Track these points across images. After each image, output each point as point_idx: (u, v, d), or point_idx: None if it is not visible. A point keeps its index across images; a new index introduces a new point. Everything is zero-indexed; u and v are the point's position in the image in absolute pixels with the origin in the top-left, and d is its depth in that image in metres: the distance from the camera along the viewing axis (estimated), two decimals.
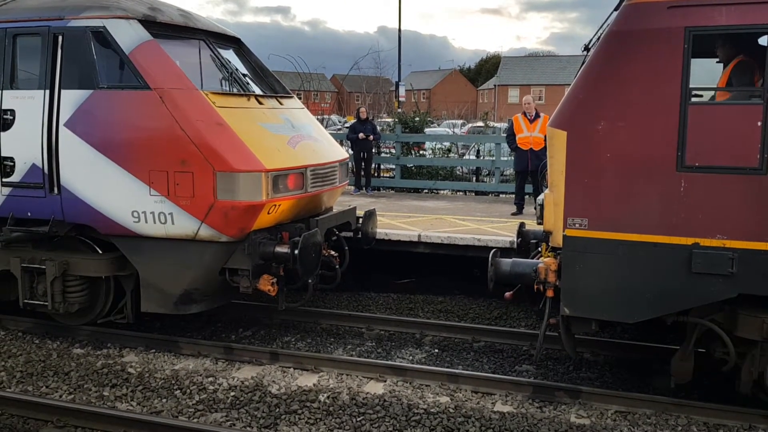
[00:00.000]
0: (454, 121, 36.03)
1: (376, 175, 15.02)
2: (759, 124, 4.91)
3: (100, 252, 7.13)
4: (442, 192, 14.73)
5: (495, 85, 75.29)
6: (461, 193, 14.65)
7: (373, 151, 14.40)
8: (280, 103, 7.75)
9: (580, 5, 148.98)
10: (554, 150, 5.56)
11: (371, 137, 13.75)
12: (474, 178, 15.01)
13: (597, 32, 6.14)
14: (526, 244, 7.17)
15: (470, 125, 31.22)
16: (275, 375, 6.64)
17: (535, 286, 5.83)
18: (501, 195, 13.79)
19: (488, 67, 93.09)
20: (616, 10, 5.80)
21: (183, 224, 6.57)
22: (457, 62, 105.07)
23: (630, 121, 5.25)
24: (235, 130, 6.59)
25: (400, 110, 31.00)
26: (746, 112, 4.98)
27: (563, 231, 5.54)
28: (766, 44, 4.94)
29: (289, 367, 6.83)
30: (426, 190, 14.69)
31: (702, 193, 5.11)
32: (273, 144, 6.89)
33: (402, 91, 33.15)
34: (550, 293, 5.77)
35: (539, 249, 6.66)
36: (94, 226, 6.91)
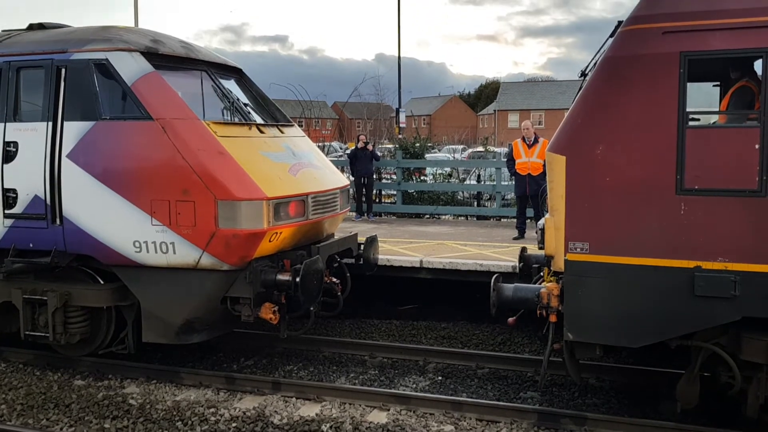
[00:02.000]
0: (454, 146, 36.14)
1: (377, 200, 15.04)
2: (757, 146, 4.93)
3: (102, 282, 7.13)
4: (443, 217, 14.74)
5: (495, 110, 75.75)
6: (463, 218, 14.65)
7: (374, 177, 14.44)
8: (281, 132, 7.80)
9: (576, 30, 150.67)
10: (554, 174, 5.57)
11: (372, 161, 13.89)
12: (475, 203, 15.01)
13: (594, 58, 6.20)
14: (529, 268, 7.16)
15: (470, 150, 31.31)
16: (277, 405, 6.59)
17: (538, 312, 5.80)
18: (503, 219, 13.80)
19: (488, 92, 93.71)
20: (612, 36, 5.87)
21: (184, 253, 6.57)
22: (456, 88, 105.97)
23: (628, 145, 5.27)
24: (237, 159, 6.63)
25: (400, 136, 31.20)
26: (744, 134, 5.00)
27: (564, 255, 5.54)
28: (761, 68, 4.96)
29: (291, 397, 6.78)
30: (427, 216, 14.70)
31: (702, 215, 5.11)
32: (274, 172, 6.92)
33: (402, 117, 33.33)
34: (553, 318, 5.74)
35: (541, 274, 6.64)
36: (95, 257, 6.92)
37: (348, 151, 17.08)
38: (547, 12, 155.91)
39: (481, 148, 27.76)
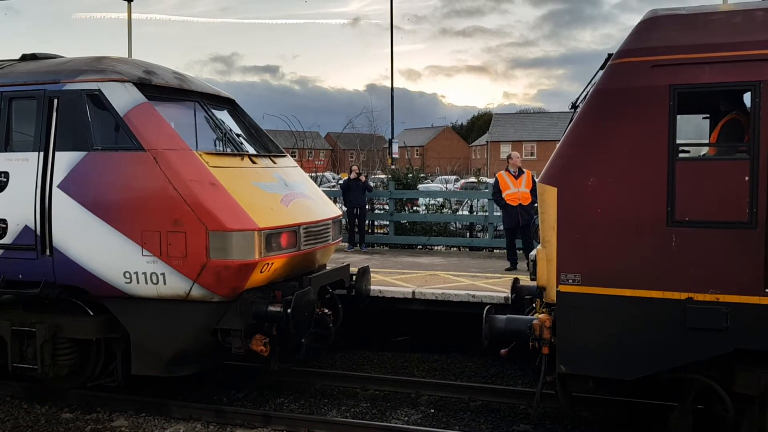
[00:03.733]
0: (446, 177, 36.31)
1: (369, 231, 15.03)
2: (747, 178, 4.97)
3: (91, 314, 7.05)
4: (436, 248, 14.72)
5: (487, 141, 76.26)
6: (455, 248, 14.63)
7: (367, 207, 14.45)
8: (274, 162, 7.81)
9: (566, 62, 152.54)
10: (545, 206, 5.59)
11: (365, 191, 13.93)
12: (468, 234, 15.01)
13: (584, 90, 6.27)
14: (521, 300, 7.13)
15: (463, 181, 31.44)
16: None
17: (530, 344, 5.77)
18: (495, 250, 13.79)
19: (480, 123, 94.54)
20: (602, 68, 5.95)
21: (175, 284, 6.52)
22: (449, 119, 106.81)
23: (619, 177, 5.30)
24: (229, 190, 6.62)
25: (393, 167, 31.35)
26: (734, 167, 5.04)
27: (556, 287, 5.53)
28: (749, 101, 5.03)
29: (282, 430, 6.69)
30: (420, 246, 14.69)
31: (693, 247, 5.12)
32: (266, 202, 6.91)
33: (395, 147, 33.53)
34: (545, 350, 5.71)
35: (533, 305, 6.62)
36: (85, 288, 6.85)
37: (341, 182, 17.12)
38: (537, 43, 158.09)
39: (473, 179, 27.92)
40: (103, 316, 6.97)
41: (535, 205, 11.07)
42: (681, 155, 5.20)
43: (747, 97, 5.28)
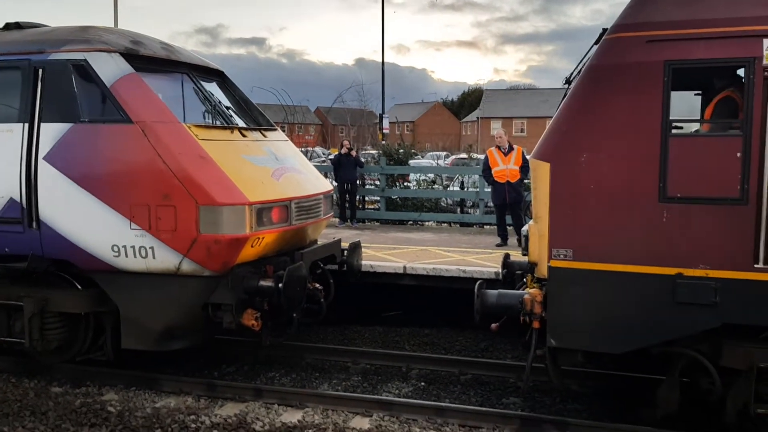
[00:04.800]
0: (437, 153, 36.24)
1: (360, 207, 15.00)
2: (739, 155, 4.97)
3: (80, 287, 7.00)
4: (427, 223, 14.73)
5: (478, 118, 76.06)
6: (446, 224, 14.64)
7: (358, 183, 14.40)
8: (264, 136, 7.73)
9: (556, 38, 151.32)
10: (538, 181, 5.58)
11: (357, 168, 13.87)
12: (458, 210, 15.02)
13: (578, 65, 6.22)
14: (512, 275, 7.14)
15: (454, 157, 31.41)
16: (259, 412, 6.51)
17: (521, 318, 5.79)
18: (486, 226, 13.81)
19: (471, 99, 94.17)
20: (596, 43, 5.90)
21: (164, 259, 6.48)
22: (439, 95, 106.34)
23: (612, 153, 5.29)
24: (218, 163, 6.56)
25: (384, 142, 31.22)
26: (726, 143, 5.03)
27: (548, 262, 5.54)
28: (743, 77, 5.01)
29: (273, 404, 6.70)
30: (411, 222, 14.68)
31: (684, 223, 5.13)
32: (257, 176, 6.86)
33: (386, 123, 33.35)
34: (536, 325, 5.73)
35: (524, 280, 6.64)
36: (73, 262, 6.80)
37: (331, 157, 17.02)
38: (527, 18, 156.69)
39: (464, 155, 27.86)
40: (92, 289, 6.93)
41: (525, 182, 11.09)
42: (674, 131, 5.18)
43: (741, 73, 5.26)
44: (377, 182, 15.11)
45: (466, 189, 15.40)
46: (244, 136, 7.33)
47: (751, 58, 4.92)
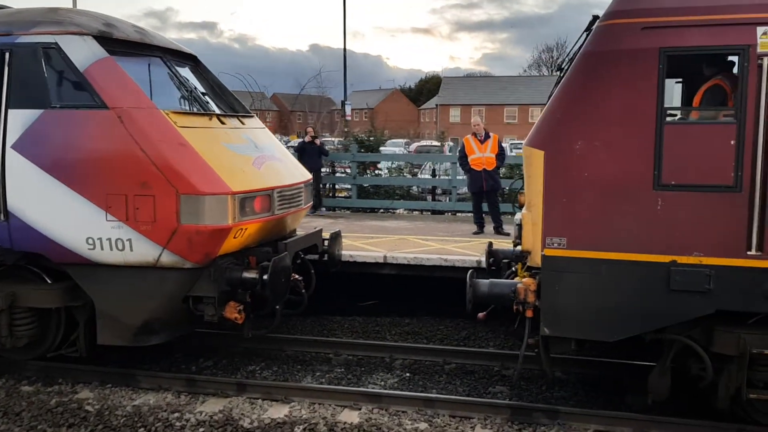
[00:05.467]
0: (395, 140, 36.12)
1: (331, 195, 14.81)
2: (732, 142, 4.99)
3: (51, 282, 6.69)
4: (398, 211, 14.64)
5: (437, 105, 76.25)
6: (417, 212, 14.58)
7: (323, 171, 14.22)
8: (242, 123, 7.50)
9: (509, 26, 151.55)
10: (532, 169, 5.52)
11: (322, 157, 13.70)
12: (430, 197, 14.97)
13: (569, 52, 6.17)
14: (498, 263, 7.11)
15: (416, 144, 31.37)
16: (244, 407, 6.33)
17: (514, 307, 5.75)
18: (458, 214, 13.80)
19: (429, 86, 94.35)
20: (587, 31, 5.86)
21: (143, 251, 6.22)
22: (397, 82, 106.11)
23: (607, 141, 5.26)
24: (199, 151, 6.32)
25: (347, 129, 31.01)
26: (720, 131, 5.06)
27: (542, 251, 5.50)
28: (737, 65, 5.02)
29: (258, 398, 6.54)
30: (382, 210, 14.57)
31: (678, 211, 5.14)
32: (238, 165, 6.64)
33: (348, 110, 33.14)
34: (529, 314, 5.70)
35: (513, 269, 6.61)
36: (45, 254, 6.48)
37: (291, 144, 16.76)
38: (481, 6, 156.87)
39: (426, 143, 27.85)
40: (64, 283, 6.62)
41: (501, 169, 11.09)
42: (669, 119, 5.18)
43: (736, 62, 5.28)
44: (348, 170, 14.93)
45: (438, 176, 15.31)
46: (222, 123, 7.09)
47: (745, 46, 4.93)
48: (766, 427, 5.59)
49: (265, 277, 6.32)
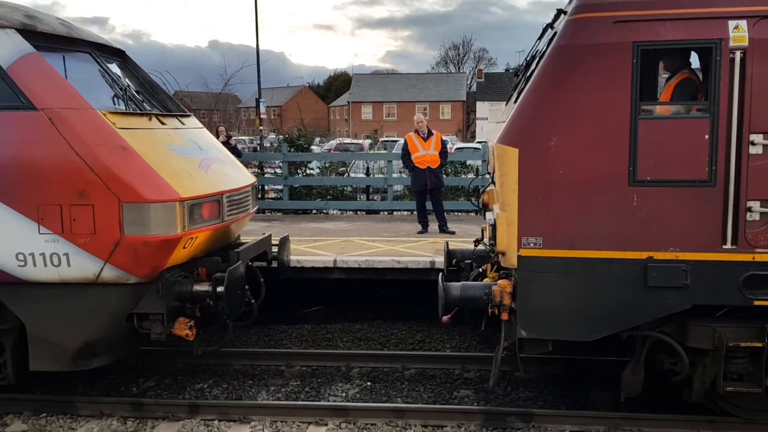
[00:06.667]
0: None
1: (260, 197, 14.24)
2: (706, 137, 5.00)
3: None
4: (331, 212, 14.25)
5: (348, 102, 76.01)
6: (351, 212, 14.24)
7: (251, 171, 13.62)
8: (182, 123, 6.96)
9: (411, 24, 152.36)
10: (505, 168, 5.34)
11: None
12: (364, 197, 14.65)
13: (530, 51, 6.06)
14: (458, 264, 6.93)
15: (336, 142, 31.00)
16: (199, 431, 5.85)
17: (489, 310, 5.57)
18: (395, 213, 13.57)
19: (338, 84, 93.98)
20: (550, 26, 5.76)
21: (81, 266, 5.61)
22: (305, 79, 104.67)
23: (581, 137, 5.15)
24: (141, 155, 5.76)
25: (262, 128, 30.20)
26: (694, 125, 5.05)
27: (517, 251, 5.33)
28: (711, 58, 5.02)
29: (213, 419, 6.08)
30: (314, 211, 14.14)
31: (654, 206, 5.10)
32: (184, 169, 6.11)
33: (263, 108, 32.26)
34: (505, 316, 5.53)
35: (479, 270, 6.44)
36: None
37: None
38: (382, 2, 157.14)
39: (347, 140, 27.53)
40: None
41: (443, 167, 10.93)
42: (643, 114, 5.13)
43: (703, 56, 5.30)
44: (279, 170, 14.39)
45: (372, 175, 15.01)
46: (163, 123, 6.53)
47: (717, 40, 4.94)
48: (735, 417, 5.68)
49: (219, 289, 5.86)
